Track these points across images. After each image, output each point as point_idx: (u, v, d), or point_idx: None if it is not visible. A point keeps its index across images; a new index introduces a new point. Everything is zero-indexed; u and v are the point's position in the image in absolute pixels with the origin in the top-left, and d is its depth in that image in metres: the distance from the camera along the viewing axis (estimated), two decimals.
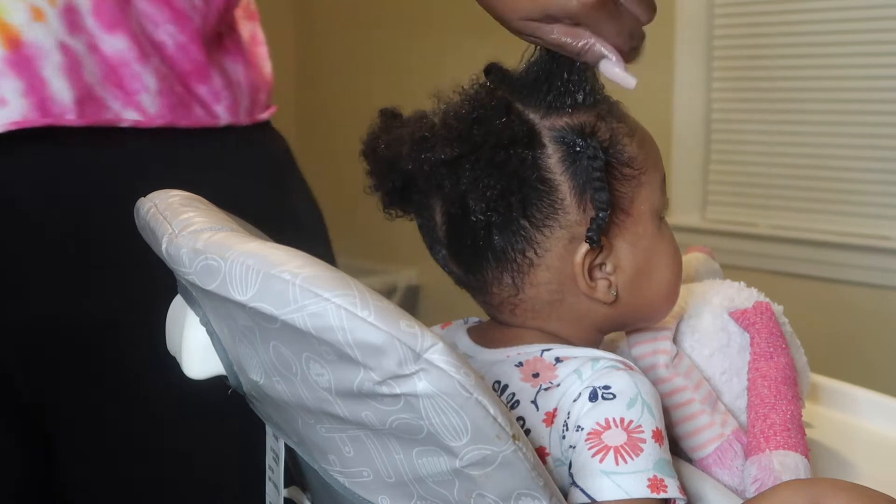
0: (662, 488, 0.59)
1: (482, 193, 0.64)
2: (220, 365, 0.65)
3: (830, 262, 2.20)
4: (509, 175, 0.64)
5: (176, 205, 0.63)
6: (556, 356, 0.65)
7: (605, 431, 0.60)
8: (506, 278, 0.67)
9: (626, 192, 0.67)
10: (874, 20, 2.10)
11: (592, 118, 0.66)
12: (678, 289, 0.72)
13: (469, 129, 0.65)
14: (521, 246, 0.66)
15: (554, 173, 0.65)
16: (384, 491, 0.57)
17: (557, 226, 0.65)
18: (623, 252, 0.68)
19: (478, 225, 0.65)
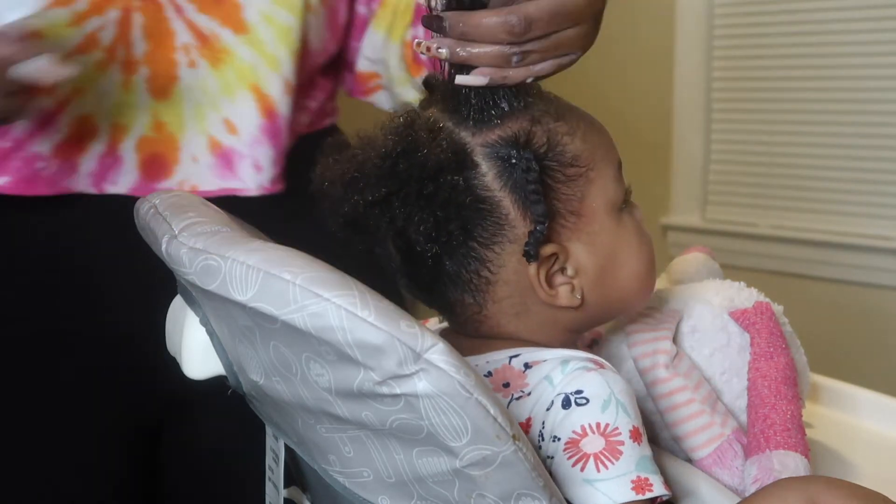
0: (647, 488, 0.58)
1: (418, 227, 0.62)
2: (219, 365, 0.65)
3: (830, 262, 2.20)
4: (442, 204, 0.62)
5: (176, 205, 0.63)
6: (525, 362, 0.64)
7: (582, 439, 0.59)
8: (467, 299, 0.66)
9: (574, 192, 0.65)
10: (874, 20, 2.10)
11: (527, 124, 0.63)
12: (652, 275, 0.70)
13: (394, 165, 0.63)
14: (473, 267, 0.65)
15: (492, 191, 0.63)
16: (384, 491, 0.57)
17: (506, 241, 0.64)
18: (581, 254, 0.66)
19: (425, 254, 0.64)
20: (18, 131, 0.79)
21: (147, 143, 0.83)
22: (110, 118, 0.82)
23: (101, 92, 0.81)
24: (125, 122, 0.83)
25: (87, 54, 0.80)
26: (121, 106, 0.82)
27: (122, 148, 0.83)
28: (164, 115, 0.83)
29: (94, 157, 0.82)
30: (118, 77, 0.82)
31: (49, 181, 0.81)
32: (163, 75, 0.82)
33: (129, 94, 0.82)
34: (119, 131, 0.83)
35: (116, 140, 0.83)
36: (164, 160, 0.84)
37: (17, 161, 0.80)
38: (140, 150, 0.83)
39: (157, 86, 0.83)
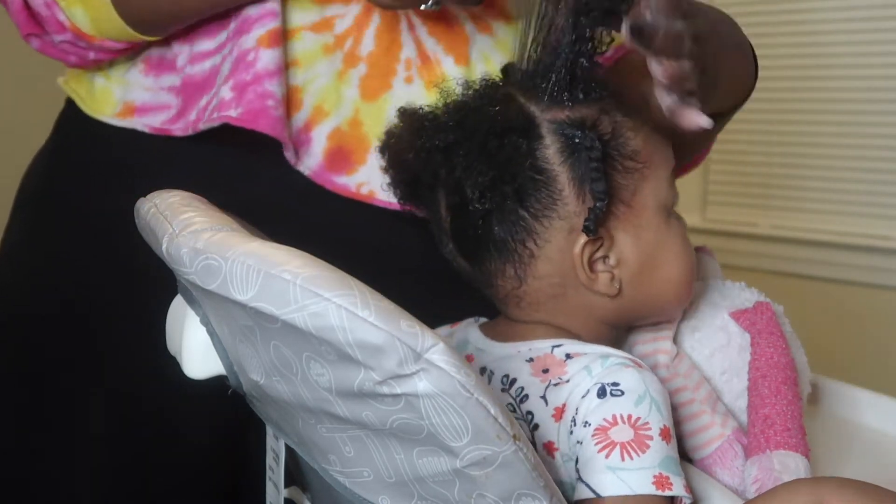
0: (668, 486, 0.59)
1: (476, 180, 0.64)
2: (220, 365, 0.65)
3: (830, 262, 2.20)
4: (502, 163, 0.64)
5: (176, 205, 0.63)
6: (567, 352, 0.65)
7: (612, 427, 0.60)
8: (508, 270, 0.68)
9: (629, 184, 0.67)
10: (875, 20, 2.10)
11: (595, 112, 0.66)
12: (690, 285, 0.72)
13: (464, 118, 0.66)
14: (521, 236, 0.66)
15: (552, 164, 0.65)
16: (384, 491, 0.57)
17: (556, 216, 0.65)
18: (625, 245, 0.68)
19: (476, 214, 0.66)
20: (260, 67, 0.79)
21: (339, 135, 0.83)
22: (315, 99, 0.82)
23: (317, 72, 0.82)
24: (328, 109, 0.83)
25: (319, 34, 0.82)
26: (329, 92, 0.82)
27: (316, 130, 0.83)
28: (365, 115, 0.83)
29: (296, 127, 0.83)
30: (337, 65, 0.82)
31: (273, 122, 0.80)
32: (378, 79, 0.83)
33: (341, 84, 0.83)
34: (319, 114, 0.83)
35: (314, 122, 0.83)
36: (349, 156, 0.83)
37: (252, 94, 0.79)
38: (330, 139, 0.83)
39: (369, 87, 0.83)
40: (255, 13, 0.80)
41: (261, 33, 0.79)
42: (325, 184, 0.83)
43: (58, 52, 0.84)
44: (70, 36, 0.81)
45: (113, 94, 0.87)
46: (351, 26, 0.82)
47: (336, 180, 0.82)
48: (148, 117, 0.85)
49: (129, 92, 0.86)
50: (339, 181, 0.82)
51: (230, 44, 0.81)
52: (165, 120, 0.84)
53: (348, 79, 0.83)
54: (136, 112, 0.85)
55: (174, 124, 0.84)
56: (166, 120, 0.84)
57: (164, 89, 0.85)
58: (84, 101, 0.89)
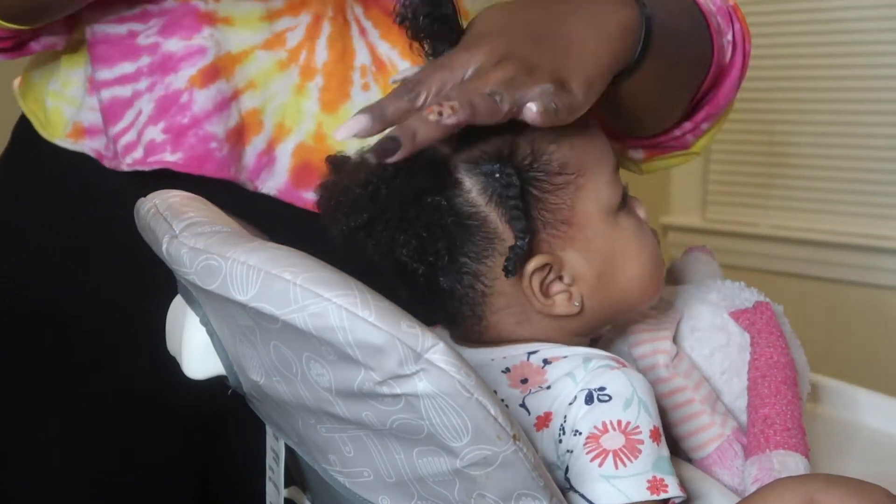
0: (662, 488, 0.59)
1: (403, 250, 0.62)
2: (220, 365, 0.65)
3: (830, 262, 2.20)
4: (425, 226, 0.61)
5: (176, 205, 0.63)
6: (544, 358, 0.64)
7: (602, 435, 0.59)
8: (465, 311, 0.66)
9: (563, 201, 0.64)
10: (874, 20, 2.10)
11: (510, 136, 0.62)
12: (657, 273, 0.70)
13: (376, 190, 0.62)
14: (468, 281, 0.64)
15: (478, 206, 0.62)
16: (385, 491, 0.57)
17: (497, 254, 0.63)
18: (576, 262, 0.65)
19: (416, 274, 0.63)
20: (197, 109, 0.77)
21: (304, 150, 0.81)
22: (276, 117, 0.81)
23: (274, 90, 0.81)
24: (289, 125, 0.81)
25: (272, 51, 0.80)
26: (289, 108, 0.81)
27: (280, 149, 0.81)
28: (328, 128, 0.81)
29: (254, 151, 0.81)
30: (294, 80, 0.81)
31: (219, 164, 0.78)
32: (336, 89, 0.81)
33: (301, 98, 0.81)
34: (281, 132, 0.81)
35: (276, 140, 0.81)
36: (316, 170, 0.81)
37: (193, 138, 0.78)
38: (295, 156, 0.81)
39: (327, 98, 0.81)
40: (179, 51, 0.78)
41: (191, 73, 0.77)
42: (295, 201, 0.81)
43: None
44: None
45: (63, 114, 0.84)
46: (303, 38, 0.80)
47: (305, 196, 0.81)
48: (96, 140, 0.82)
49: (79, 112, 0.83)
50: (308, 196, 0.80)
51: (147, 79, 0.78)
52: (104, 145, 0.82)
53: (307, 92, 0.81)
54: (85, 133, 0.83)
55: (106, 152, 0.81)
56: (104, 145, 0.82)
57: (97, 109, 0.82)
58: (42, 124, 0.85)
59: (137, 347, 0.82)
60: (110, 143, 0.81)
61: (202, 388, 0.68)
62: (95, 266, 0.85)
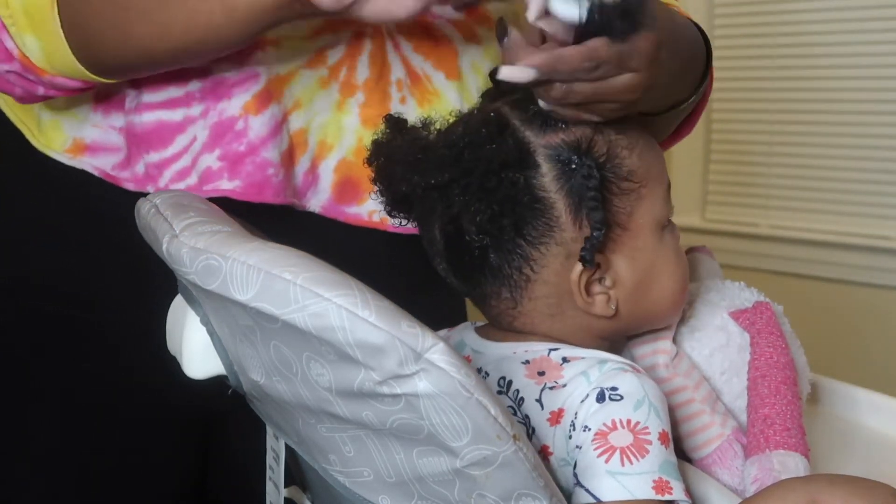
0: (667, 490, 0.59)
1: (473, 217, 0.64)
2: (220, 365, 0.65)
3: (830, 262, 2.20)
4: (501, 199, 0.64)
5: (177, 205, 0.64)
6: (564, 356, 0.65)
7: (611, 432, 0.60)
8: (504, 293, 0.68)
9: (625, 206, 0.66)
10: (874, 20, 2.10)
11: (589, 132, 0.65)
12: (683, 296, 0.72)
13: (460, 153, 0.64)
14: (517, 263, 0.66)
15: (549, 192, 0.64)
16: (385, 491, 0.57)
17: (553, 243, 0.65)
18: (621, 267, 0.68)
19: (473, 244, 0.65)
20: (253, 136, 0.77)
21: (346, 165, 0.81)
22: (318, 135, 0.81)
23: (317, 108, 0.80)
24: (331, 142, 0.81)
25: (314, 69, 0.80)
26: (330, 125, 0.81)
27: (323, 166, 0.81)
28: (368, 141, 0.80)
29: (301, 171, 0.81)
30: (335, 97, 0.80)
31: (276, 190, 0.78)
32: (376, 105, 0.81)
33: (341, 115, 0.81)
34: (324, 149, 0.81)
35: (319, 158, 0.81)
36: (357, 186, 0.81)
37: (250, 166, 0.77)
38: (337, 172, 0.81)
39: (368, 114, 0.81)
40: (233, 77, 0.77)
41: (246, 100, 0.76)
42: (338, 216, 0.81)
43: (2, 82, 0.75)
44: (18, 66, 0.73)
45: (62, 129, 0.81)
46: (343, 56, 0.80)
47: (347, 211, 0.81)
48: (98, 158, 0.80)
49: (80, 128, 0.81)
50: (351, 211, 0.81)
51: (200, 105, 0.77)
52: (115, 164, 0.80)
53: (347, 108, 0.81)
54: (86, 150, 0.80)
55: (122, 172, 0.80)
56: (115, 165, 0.80)
57: (114, 129, 0.80)
58: (33, 135, 0.83)
59: (138, 348, 0.82)
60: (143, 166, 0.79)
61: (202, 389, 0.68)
62: (95, 267, 0.85)
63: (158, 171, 0.78)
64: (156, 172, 0.78)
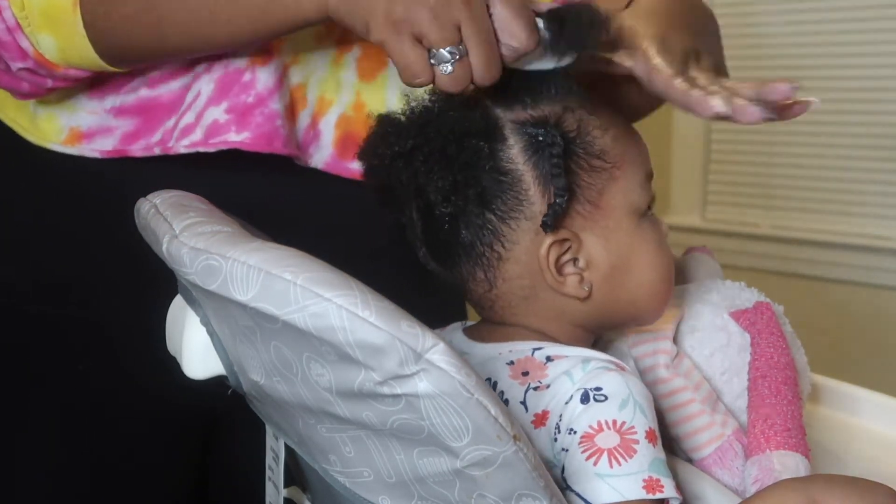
0: (658, 488, 0.59)
1: (437, 184, 0.65)
2: (220, 365, 0.65)
3: (830, 262, 2.20)
4: (462, 165, 0.64)
5: (177, 205, 0.64)
6: (547, 355, 0.65)
7: (597, 434, 0.59)
8: (478, 273, 0.68)
9: (594, 183, 0.66)
10: (874, 20, 2.10)
11: (559, 110, 0.66)
12: (666, 290, 0.71)
13: (426, 122, 0.66)
14: (488, 239, 0.66)
15: (516, 164, 0.65)
16: (385, 491, 0.57)
17: (523, 217, 0.65)
18: (594, 246, 0.67)
19: (442, 218, 0.66)
20: (261, 87, 0.77)
21: (346, 120, 0.82)
22: (318, 90, 0.81)
23: (315, 64, 0.81)
24: (330, 98, 0.82)
25: None
26: (329, 80, 0.81)
27: (323, 122, 0.82)
28: (366, 96, 0.82)
29: (302, 127, 0.81)
30: (332, 52, 0.81)
31: (285, 140, 0.78)
32: (373, 58, 0.81)
33: (339, 70, 0.81)
34: (324, 105, 0.82)
35: (320, 113, 0.82)
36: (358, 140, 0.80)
37: (259, 117, 0.77)
38: (338, 127, 0.82)
39: (365, 67, 0.81)
40: None
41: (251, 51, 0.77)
42: (341, 172, 0.82)
43: (10, 80, 0.77)
44: (32, 63, 0.74)
45: (58, 120, 0.82)
46: None
47: (350, 166, 0.81)
48: (96, 142, 0.81)
49: (75, 117, 0.81)
50: (354, 167, 0.80)
51: (205, 62, 0.78)
52: (118, 142, 0.81)
53: (344, 63, 0.81)
54: (83, 138, 0.81)
55: (131, 144, 0.80)
56: (119, 141, 0.81)
57: (109, 112, 0.81)
58: (27, 130, 0.83)
59: (136, 348, 0.82)
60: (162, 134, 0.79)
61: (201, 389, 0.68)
62: (93, 265, 0.85)
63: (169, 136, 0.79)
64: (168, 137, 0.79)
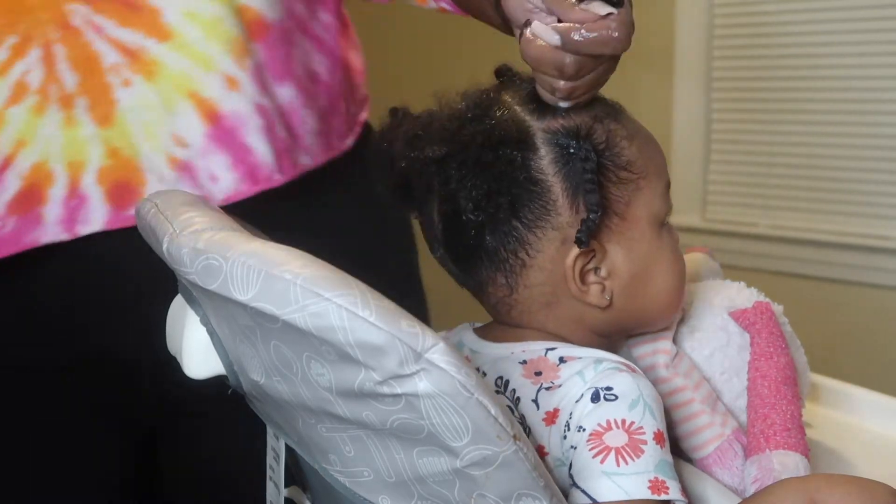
0: (664, 490, 0.59)
1: (470, 193, 0.64)
2: (220, 365, 0.65)
3: (830, 262, 2.20)
4: (497, 175, 0.64)
5: (177, 204, 0.63)
6: (560, 356, 0.65)
7: (606, 432, 0.60)
8: (500, 278, 0.68)
9: (622, 195, 0.67)
10: (874, 20, 2.10)
11: (589, 120, 0.66)
12: (680, 297, 0.72)
13: (460, 128, 0.65)
14: (512, 246, 0.66)
15: (546, 174, 0.65)
16: (385, 491, 0.57)
17: (549, 227, 0.65)
18: (617, 257, 0.67)
19: (469, 224, 0.65)
20: None
21: (107, 172, 0.80)
22: (63, 158, 0.79)
23: (46, 136, 0.78)
24: (80, 159, 0.79)
25: (21, 103, 0.77)
26: (70, 143, 0.78)
27: (84, 185, 0.79)
28: (115, 140, 0.79)
29: (57, 202, 0.79)
30: (58, 115, 0.78)
31: (10, 240, 0.77)
32: (102, 102, 0.79)
33: (75, 128, 0.79)
34: (76, 169, 0.79)
35: (76, 178, 0.79)
36: (129, 185, 0.80)
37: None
38: (102, 182, 0.80)
39: (99, 114, 0.79)
40: None
41: None
42: (126, 223, 0.80)
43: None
44: None
45: None
46: (44, 73, 0.78)
47: (131, 213, 0.78)
48: None
49: None
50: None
51: None
52: None
53: (77, 120, 0.79)
54: None
55: None
56: None
57: None
58: None
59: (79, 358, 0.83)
60: None
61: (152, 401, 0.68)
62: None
63: None
64: None
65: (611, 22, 0.60)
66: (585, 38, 0.60)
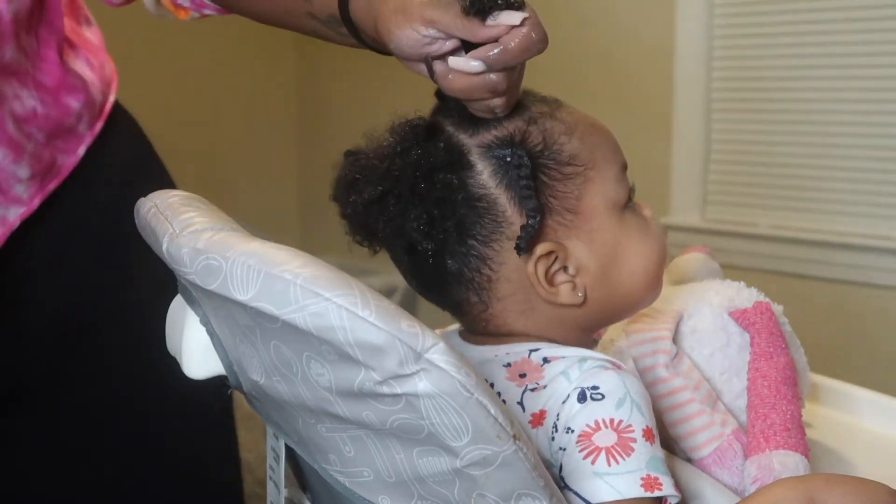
0: (657, 486, 0.58)
1: (414, 224, 0.64)
2: (220, 365, 0.65)
3: (830, 262, 2.20)
4: (436, 201, 0.64)
5: (177, 204, 0.63)
6: (544, 356, 0.65)
7: (595, 433, 0.59)
8: (472, 297, 0.67)
9: (571, 191, 0.66)
10: (874, 20, 2.10)
11: (522, 125, 0.65)
12: (658, 274, 0.71)
13: (390, 164, 0.64)
14: (475, 265, 0.66)
15: (488, 188, 0.64)
16: (385, 491, 0.57)
17: (504, 238, 0.65)
18: (581, 252, 0.67)
19: (426, 253, 0.65)
20: None
21: None
22: None
23: None
24: None
25: None
26: None
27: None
28: None
29: None
30: None
31: None
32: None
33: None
34: None
35: None
36: None
37: None
38: None
39: None
40: None
41: None
42: None
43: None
44: None
45: None
46: None
47: None
48: None
49: None
50: None
51: None
52: None
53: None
54: None
55: None
56: None
57: None
58: None
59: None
60: None
61: None
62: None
63: None
64: None
65: (523, 27, 0.60)
66: (508, 52, 0.60)
